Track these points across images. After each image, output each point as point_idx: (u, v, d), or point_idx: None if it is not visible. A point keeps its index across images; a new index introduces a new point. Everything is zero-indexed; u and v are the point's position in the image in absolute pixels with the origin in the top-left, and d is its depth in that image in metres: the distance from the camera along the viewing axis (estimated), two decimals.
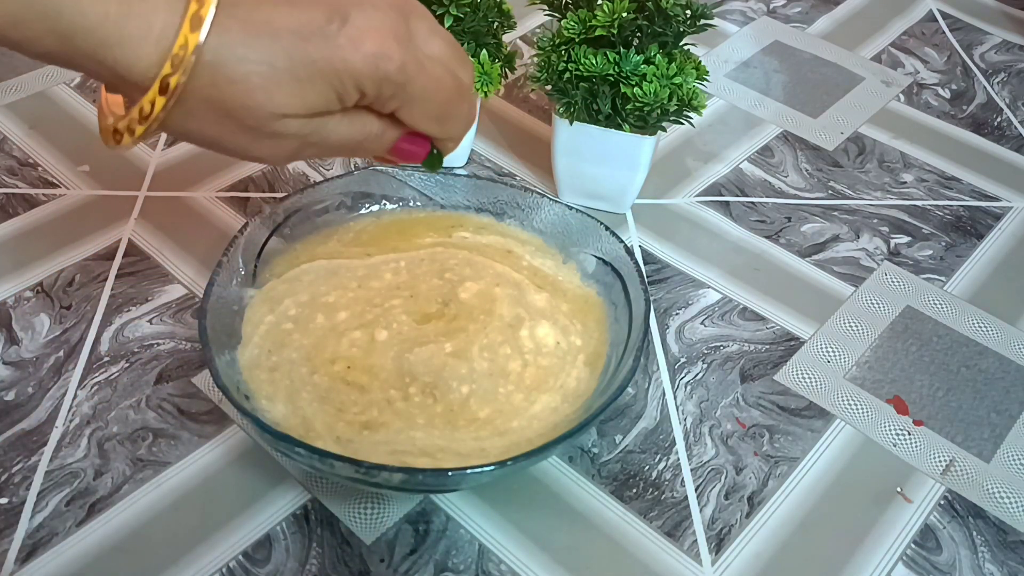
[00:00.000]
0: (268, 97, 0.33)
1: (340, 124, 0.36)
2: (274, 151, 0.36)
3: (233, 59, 0.32)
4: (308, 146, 0.36)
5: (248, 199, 0.69)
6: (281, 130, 0.35)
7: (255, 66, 0.32)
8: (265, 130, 0.34)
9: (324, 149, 0.37)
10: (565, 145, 0.66)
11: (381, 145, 0.39)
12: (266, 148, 0.36)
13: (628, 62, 0.61)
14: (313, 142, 0.36)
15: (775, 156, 0.77)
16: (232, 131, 0.34)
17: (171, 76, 0.32)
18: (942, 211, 0.73)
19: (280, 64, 0.33)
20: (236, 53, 0.32)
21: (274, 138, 0.35)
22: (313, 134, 0.36)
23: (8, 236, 0.65)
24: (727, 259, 0.67)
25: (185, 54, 0.31)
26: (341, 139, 0.37)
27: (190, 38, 0.31)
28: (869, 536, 0.51)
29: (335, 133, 0.36)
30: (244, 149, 0.36)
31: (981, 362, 0.61)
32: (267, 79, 0.33)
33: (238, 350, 0.51)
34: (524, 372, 0.52)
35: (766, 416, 0.57)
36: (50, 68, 0.79)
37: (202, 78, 0.32)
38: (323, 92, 0.34)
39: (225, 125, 0.34)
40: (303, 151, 0.37)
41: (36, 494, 0.50)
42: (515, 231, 0.60)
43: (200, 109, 0.33)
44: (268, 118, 0.34)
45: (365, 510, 0.50)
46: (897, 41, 0.93)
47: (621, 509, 0.51)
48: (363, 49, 0.33)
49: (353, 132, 0.37)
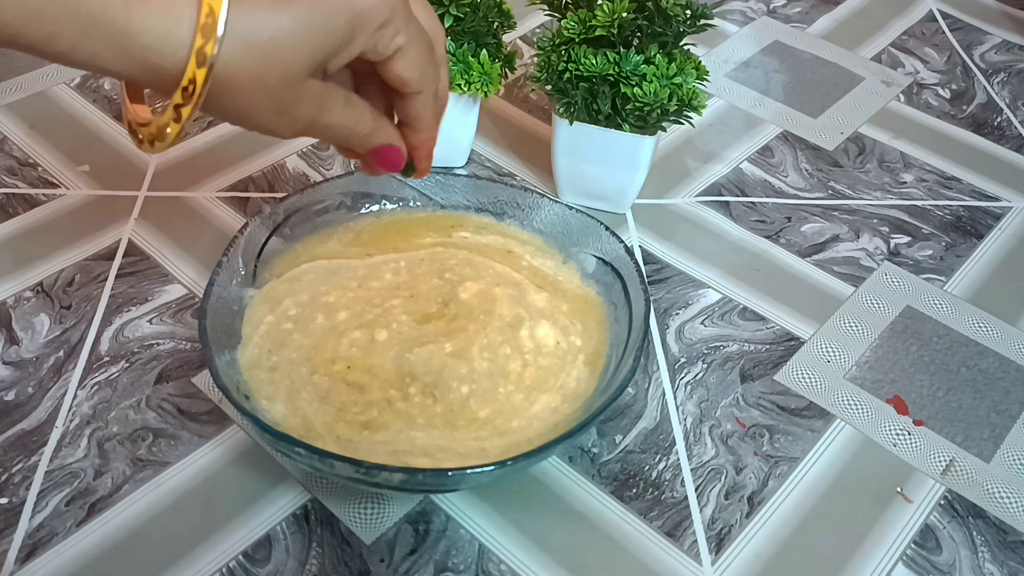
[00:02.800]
0: (295, 53, 0.35)
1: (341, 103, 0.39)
2: (293, 122, 0.38)
3: (257, 26, 0.34)
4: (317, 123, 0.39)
5: (248, 199, 0.69)
6: (303, 94, 0.37)
7: (278, 30, 0.34)
8: (290, 95, 0.36)
9: (327, 129, 0.39)
10: (565, 145, 0.66)
11: (369, 140, 0.41)
12: (286, 120, 0.37)
13: (628, 62, 0.61)
14: (322, 121, 0.38)
15: (775, 156, 0.77)
16: (262, 100, 0.36)
17: (205, 46, 0.33)
18: (942, 211, 0.73)
19: (300, 22, 0.35)
20: (258, 19, 0.34)
21: (297, 104, 0.37)
22: (323, 108, 0.38)
23: (8, 236, 0.65)
24: (727, 259, 0.67)
25: (213, 21, 0.33)
26: (339, 123, 0.39)
27: (214, 5, 0.33)
28: (869, 536, 0.51)
29: (336, 114, 0.39)
30: (269, 120, 0.37)
31: (981, 362, 0.61)
32: (293, 35, 0.34)
33: (238, 350, 0.51)
34: (524, 372, 0.52)
35: (766, 416, 0.57)
36: (50, 68, 0.79)
37: (233, 48, 0.33)
38: (343, 28, 0.36)
39: (256, 95, 0.35)
40: (311, 128, 0.39)
41: (36, 494, 0.50)
42: (515, 231, 0.60)
43: (236, 81, 0.34)
44: (297, 77, 0.36)
45: (365, 510, 0.50)
46: (897, 41, 0.93)
47: (621, 509, 0.51)
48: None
49: (349, 119, 0.40)
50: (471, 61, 0.65)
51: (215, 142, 0.73)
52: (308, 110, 0.37)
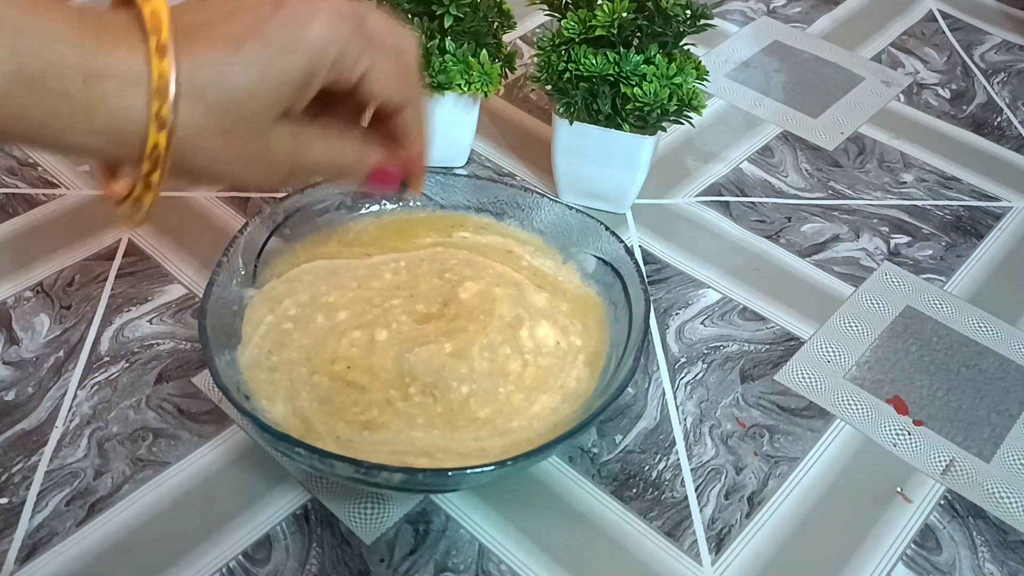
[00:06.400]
0: (255, 103, 0.34)
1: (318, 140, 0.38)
2: (273, 171, 0.37)
3: (211, 83, 0.33)
4: (299, 166, 0.38)
5: (248, 199, 0.69)
6: (275, 141, 0.36)
7: (233, 84, 0.34)
8: (261, 144, 0.36)
9: (313, 168, 0.39)
10: (565, 145, 0.66)
11: (360, 167, 0.41)
12: (265, 171, 0.37)
13: (628, 62, 0.61)
14: (304, 162, 0.38)
15: (775, 156, 0.77)
16: (234, 155, 0.35)
17: (161, 109, 0.32)
18: (942, 211, 0.73)
19: (254, 71, 0.34)
20: (211, 76, 0.33)
21: (271, 152, 0.36)
22: (302, 149, 0.37)
23: (8, 236, 0.65)
24: (727, 259, 0.67)
25: (165, 84, 0.32)
26: (323, 157, 0.39)
27: (164, 67, 0.32)
28: (869, 536, 0.51)
29: (317, 149, 0.38)
30: (248, 174, 0.37)
31: (981, 362, 0.61)
32: (249, 85, 0.34)
33: (238, 350, 0.51)
34: (524, 372, 0.52)
35: (766, 416, 0.57)
36: None
37: (192, 107, 0.33)
38: (299, 69, 0.35)
39: (226, 150, 0.35)
40: (295, 173, 0.38)
41: (36, 494, 0.50)
42: (515, 231, 0.60)
43: (201, 138, 0.34)
44: (263, 127, 0.35)
45: (365, 510, 0.50)
46: (897, 41, 0.93)
47: (621, 509, 0.51)
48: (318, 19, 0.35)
49: (332, 152, 0.39)
50: (471, 61, 0.65)
51: None
52: (285, 156, 0.37)
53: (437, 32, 0.65)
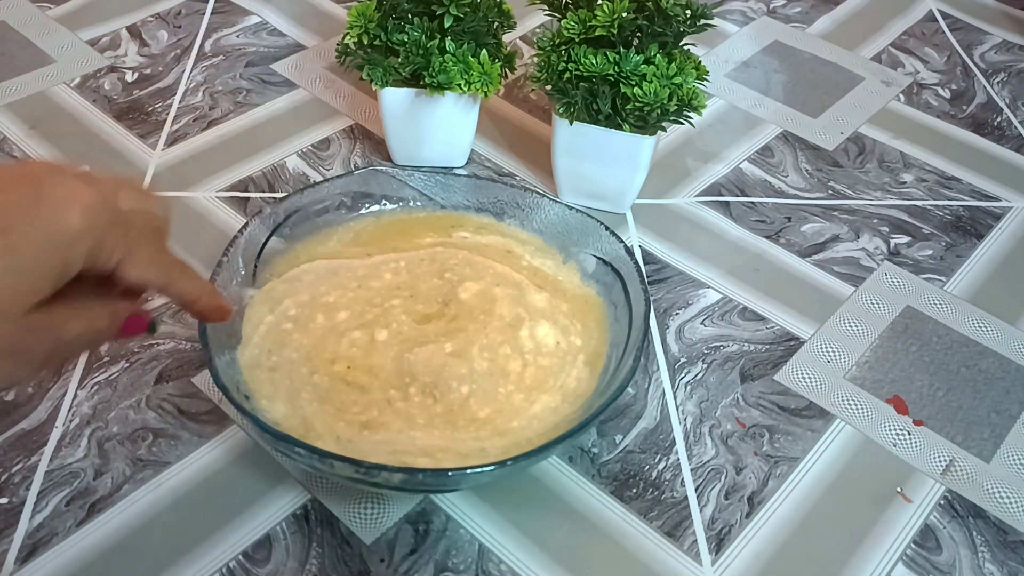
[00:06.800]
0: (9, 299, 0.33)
1: (72, 318, 0.37)
2: (32, 358, 0.36)
3: None
4: (59, 348, 0.37)
5: (248, 199, 0.69)
6: (30, 331, 0.35)
7: None
8: (19, 337, 0.35)
9: (75, 344, 0.38)
10: (565, 145, 0.66)
11: (112, 331, 0.40)
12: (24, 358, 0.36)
13: (628, 62, 0.61)
14: (65, 339, 0.37)
15: (775, 156, 0.77)
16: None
17: None
18: (942, 211, 0.73)
19: (7, 270, 0.33)
20: None
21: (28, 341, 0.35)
22: (59, 329, 0.36)
23: None
24: (727, 259, 0.67)
25: None
26: (84, 330, 0.37)
27: None
28: (869, 536, 0.51)
29: (72, 329, 0.37)
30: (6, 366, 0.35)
31: (981, 362, 0.61)
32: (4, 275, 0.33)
33: (238, 350, 0.51)
34: (524, 372, 0.52)
35: (766, 416, 0.57)
36: (50, 68, 0.79)
37: None
38: (56, 264, 0.34)
39: None
40: (55, 356, 0.37)
41: (36, 494, 0.50)
42: (515, 231, 0.60)
43: None
44: (17, 320, 0.34)
45: (365, 510, 0.50)
46: (897, 41, 0.93)
47: (621, 509, 0.51)
48: (74, 212, 0.34)
49: (85, 325, 0.38)
50: (471, 61, 0.65)
51: (215, 142, 0.73)
52: (44, 340, 0.36)
53: (437, 32, 0.65)
